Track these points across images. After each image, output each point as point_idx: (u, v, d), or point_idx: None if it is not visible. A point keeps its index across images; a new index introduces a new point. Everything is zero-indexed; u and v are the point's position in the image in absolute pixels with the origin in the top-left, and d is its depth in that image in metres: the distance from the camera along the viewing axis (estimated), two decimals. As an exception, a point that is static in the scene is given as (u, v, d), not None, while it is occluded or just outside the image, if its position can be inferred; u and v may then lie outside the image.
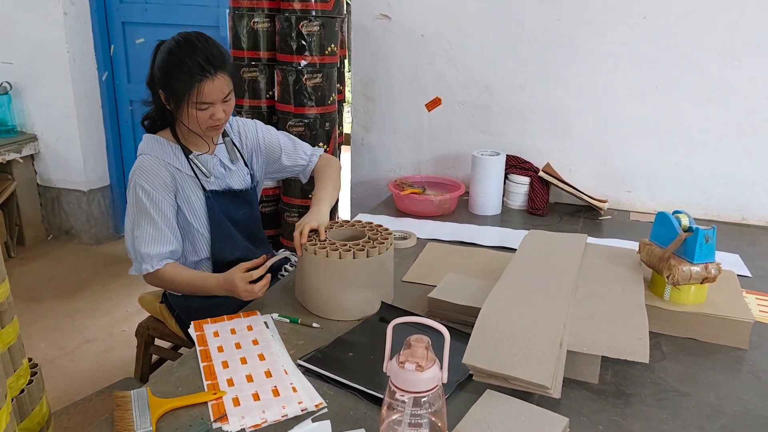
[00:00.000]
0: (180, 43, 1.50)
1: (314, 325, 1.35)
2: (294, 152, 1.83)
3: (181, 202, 1.60)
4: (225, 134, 1.71)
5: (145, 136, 1.63)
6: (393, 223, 2.02)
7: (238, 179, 1.71)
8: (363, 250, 1.38)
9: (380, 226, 1.52)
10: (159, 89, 1.54)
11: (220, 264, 1.65)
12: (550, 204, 2.26)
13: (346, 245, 1.40)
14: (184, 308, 1.72)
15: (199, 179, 1.61)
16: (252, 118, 1.86)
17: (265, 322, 1.36)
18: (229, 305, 1.48)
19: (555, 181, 2.17)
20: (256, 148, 1.78)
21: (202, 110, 1.51)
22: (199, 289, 1.54)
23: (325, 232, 1.45)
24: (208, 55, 1.47)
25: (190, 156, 1.61)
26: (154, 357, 1.98)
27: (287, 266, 1.79)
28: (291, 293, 1.52)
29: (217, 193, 1.63)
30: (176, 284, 1.57)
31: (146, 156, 1.58)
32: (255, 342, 1.28)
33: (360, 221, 1.55)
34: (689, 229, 1.34)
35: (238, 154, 1.72)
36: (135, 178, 1.57)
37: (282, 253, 1.70)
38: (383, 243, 1.41)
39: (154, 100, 1.60)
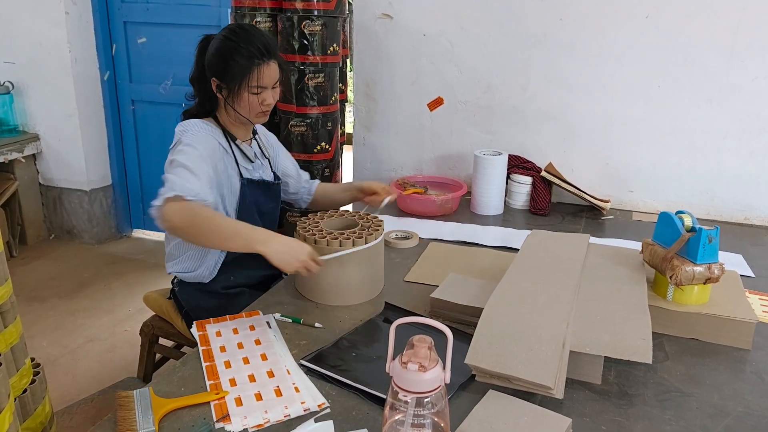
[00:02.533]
0: (236, 31, 1.57)
1: (317, 325, 1.35)
2: (298, 179, 1.92)
3: (224, 179, 1.60)
4: (254, 131, 1.76)
5: (186, 121, 1.61)
6: (395, 223, 2.02)
7: (268, 173, 1.77)
8: (361, 238, 1.44)
9: (370, 215, 1.60)
10: (212, 77, 1.59)
11: (235, 259, 1.66)
12: (553, 204, 2.26)
13: (343, 234, 1.46)
14: (192, 307, 1.71)
15: (238, 166, 1.64)
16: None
17: (268, 322, 1.36)
18: (239, 306, 1.47)
19: (557, 181, 2.16)
20: (275, 157, 1.84)
21: (256, 94, 1.58)
22: (231, 233, 1.34)
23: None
24: (264, 42, 1.56)
25: (236, 141, 1.66)
26: (157, 356, 1.98)
27: None
28: (293, 293, 1.52)
29: (252, 182, 1.67)
30: (200, 219, 1.34)
31: (196, 132, 1.55)
32: (257, 342, 1.28)
33: (350, 211, 1.64)
34: (692, 230, 1.34)
35: (266, 152, 1.79)
36: (184, 138, 1.52)
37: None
38: (375, 232, 1.47)
39: (199, 94, 1.66)
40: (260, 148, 1.77)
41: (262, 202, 1.71)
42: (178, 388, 1.13)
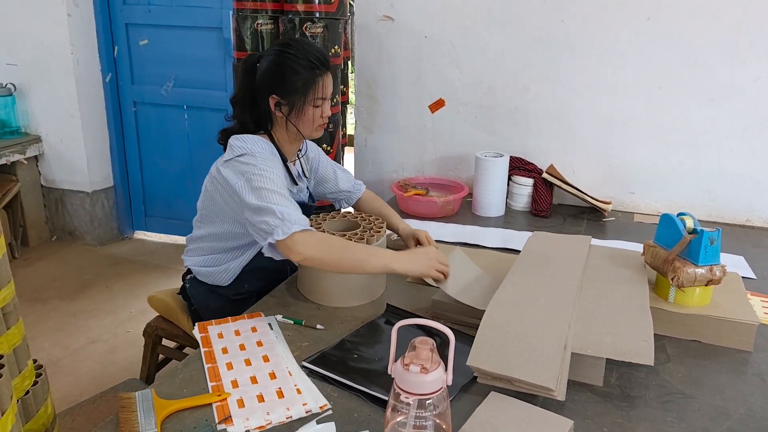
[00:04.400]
0: (290, 44, 1.53)
1: (318, 326, 1.36)
2: (335, 183, 1.84)
3: None
4: (300, 149, 1.71)
5: (245, 135, 1.54)
6: (396, 225, 2.02)
7: (304, 194, 1.72)
8: (362, 239, 1.45)
9: (372, 216, 1.61)
10: (270, 94, 1.53)
11: (254, 268, 1.62)
12: (554, 205, 2.26)
13: (345, 235, 1.46)
14: (202, 306, 1.69)
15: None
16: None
17: (269, 324, 1.37)
18: (239, 308, 1.47)
19: (559, 183, 2.16)
20: (315, 169, 1.80)
21: (317, 107, 1.54)
22: (365, 257, 1.36)
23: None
24: (321, 52, 1.54)
25: (288, 162, 1.61)
26: (159, 357, 1.98)
27: None
28: (295, 294, 1.52)
29: None
30: (335, 249, 1.35)
31: (263, 146, 1.52)
32: (259, 343, 1.28)
33: (351, 212, 1.64)
34: (694, 231, 1.34)
35: (308, 173, 1.75)
36: (254, 160, 1.45)
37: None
38: (377, 234, 1.48)
39: (248, 114, 1.58)
40: (302, 167, 1.72)
41: None
42: (180, 390, 1.13)
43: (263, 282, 1.66)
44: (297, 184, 1.64)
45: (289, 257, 1.35)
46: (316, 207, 1.83)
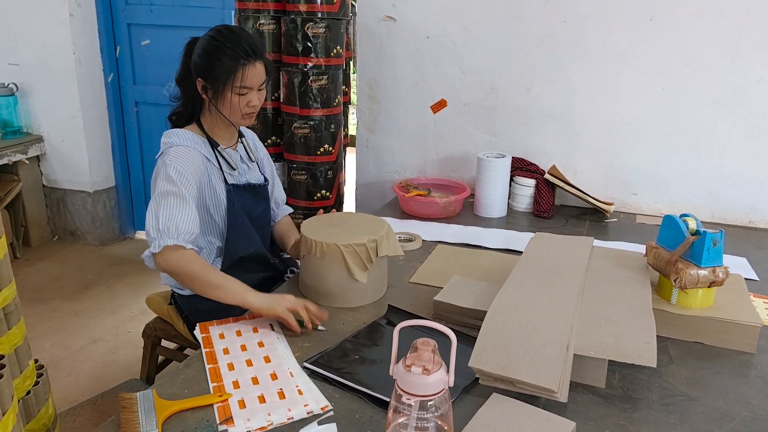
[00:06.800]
0: (222, 32, 1.57)
1: (320, 327, 1.35)
2: (275, 191, 1.87)
3: (207, 191, 1.60)
4: (241, 134, 1.75)
5: (171, 130, 1.63)
6: (398, 225, 2.02)
7: (255, 176, 1.75)
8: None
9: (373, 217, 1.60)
10: (197, 77, 1.58)
11: (231, 259, 1.65)
12: (556, 206, 2.26)
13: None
14: (193, 311, 1.72)
15: (223, 172, 1.63)
16: (257, 120, 1.87)
17: (271, 324, 1.36)
18: (237, 309, 1.47)
19: (561, 184, 2.16)
20: (261, 160, 1.83)
21: (241, 95, 1.56)
22: (217, 285, 1.40)
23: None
24: (251, 42, 1.55)
25: (218, 148, 1.64)
26: (160, 357, 1.98)
27: (294, 269, 1.80)
28: (296, 295, 1.51)
29: (238, 187, 1.66)
30: (191, 271, 1.41)
31: (179, 147, 1.57)
32: (260, 344, 1.28)
33: (353, 213, 1.66)
34: (697, 233, 1.33)
35: (252, 156, 1.77)
36: (168, 160, 1.52)
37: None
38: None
39: (184, 95, 1.66)
40: (247, 152, 1.74)
41: (251, 207, 1.69)
42: (182, 390, 1.12)
43: (248, 274, 1.65)
44: (234, 169, 1.66)
45: (154, 268, 1.45)
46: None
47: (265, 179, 1.79)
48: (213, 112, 1.62)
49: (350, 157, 2.79)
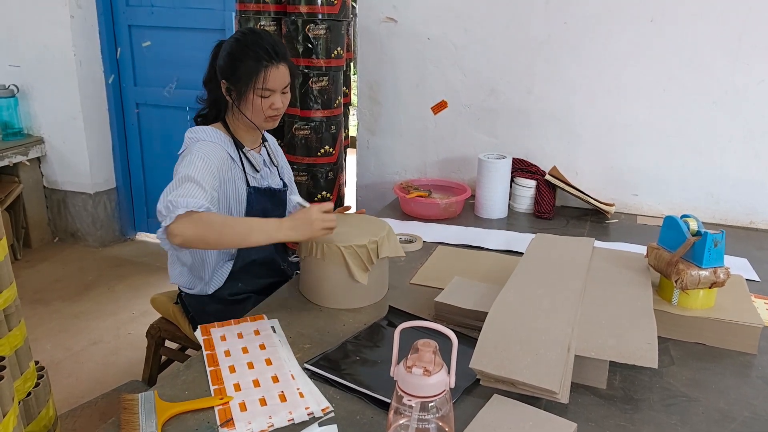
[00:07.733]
0: (246, 34, 1.59)
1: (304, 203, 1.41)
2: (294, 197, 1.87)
3: (230, 190, 1.60)
4: (264, 139, 1.75)
5: (196, 127, 1.62)
6: (399, 226, 2.02)
7: (276, 181, 1.76)
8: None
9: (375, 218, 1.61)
10: (222, 79, 1.59)
11: (243, 261, 1.65)
12: (557, 207, 2.26)
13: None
14: (198, 312, 1.71)
15: (245, 173, 1.63)
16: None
17: (272, 326, 1.36)
18: (245, 311, 1.47)
19: (561, 185, 2.16)
20: (281, 166, 1.83)
21: (264, 97, 1.57)
22: (246, 231, 1.35)
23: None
24: (273, 44, 1.56)
25: (243, 149, 1.64)
26: (162, 358, 1.98)
27: (299, 272, 1.80)
28: (297, 297, 1.52)
29: (259, 190, 1.66)
30: (214, 227, 1.34)
31: (206, 142, 1.55)
32: (262, 347, 1.28)
33: (354, 214, 1.65)
34: (698, 234, 1.33)
35: (275, 160, 1.78)
36: (195, 149, 1.50)
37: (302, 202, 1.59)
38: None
39: (210, 97, 1.67)
40: (269, 155, 1.76)
41: (270, 210, 1.70)
42: (183, 392, 1.12)
43: (257, 278, 1.66)
44: (258, 171, 1.67)
45: (173, 243, 1.34)
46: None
47: (284, 184, 1.79)
48: (237, 114, 1.62)
49: (351, 158, 2.79)
